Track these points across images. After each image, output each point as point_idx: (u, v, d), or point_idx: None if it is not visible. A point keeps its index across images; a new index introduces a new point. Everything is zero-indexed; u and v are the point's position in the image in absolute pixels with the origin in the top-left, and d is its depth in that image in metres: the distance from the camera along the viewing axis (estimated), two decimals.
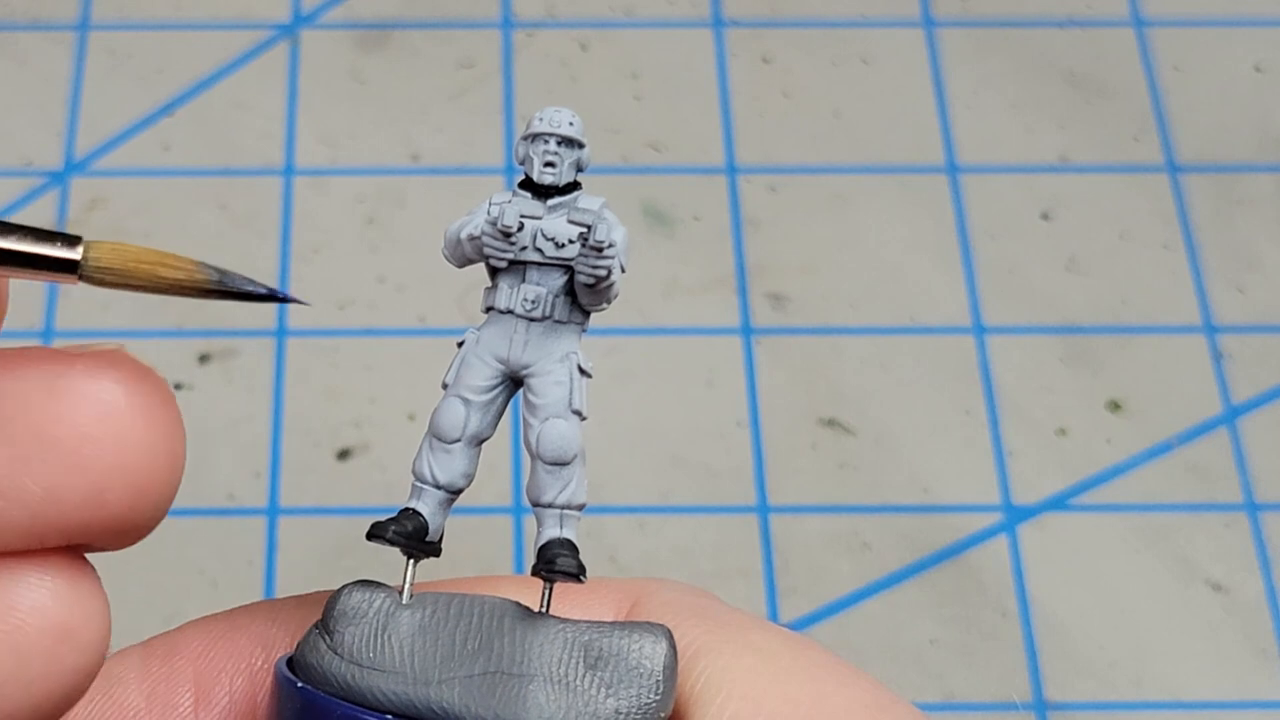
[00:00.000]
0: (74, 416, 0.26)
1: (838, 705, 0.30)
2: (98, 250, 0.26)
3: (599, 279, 0.30)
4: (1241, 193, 0.64)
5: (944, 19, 0.68)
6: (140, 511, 0.27)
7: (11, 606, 0.26)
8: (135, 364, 0.27)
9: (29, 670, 0.27)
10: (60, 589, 0.27)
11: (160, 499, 0.27)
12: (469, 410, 0.31)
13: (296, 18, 0.67)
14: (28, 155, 0.63)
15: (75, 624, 0.27)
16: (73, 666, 0.27)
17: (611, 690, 0.29)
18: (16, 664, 0.26)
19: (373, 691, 0.29)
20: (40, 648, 0.27)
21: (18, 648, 0.26)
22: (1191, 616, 0.56)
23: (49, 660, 0.27)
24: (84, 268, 0.26)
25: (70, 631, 0.27)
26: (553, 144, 0.30)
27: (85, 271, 0.26)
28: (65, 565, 0.27)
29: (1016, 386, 0.60)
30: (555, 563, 0.30)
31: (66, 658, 0.27)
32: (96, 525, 0.27)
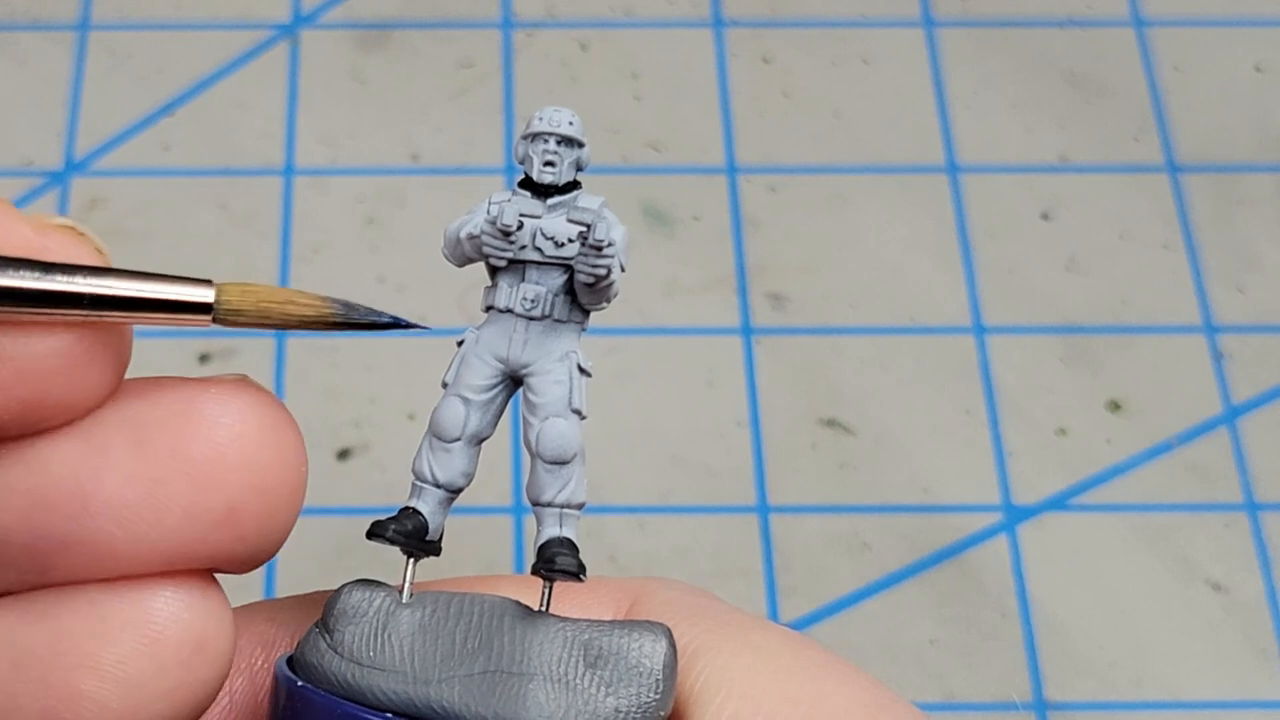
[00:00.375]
0: (210, 438, 0.27)
1: (837, 704, 0.30)
2: (228, 293, 0.28)
3: (599, 278, 0.30)
4: (1241, 193, 0.64)
5: (944, 19, 0.68)
6: (269, 533, 0.28)
7: (149, 619, 0.27)
8: (261, 391, 0.28)
9: (167, 681, 0.28)
10: (194, 601, 0.28)
11: (286, 521, 0.29)
12: (469, 409, 0.31)
13: (296, 18, 0.67)
14: (28, 155, 0.63)
15: (209, 635, 0.28)
16: (205, 677, 0.28)
17: (611, 689, 0.29)
18: (155, 675, 0.27)
19: (373, 690, 0.29)
20: (178, 659, 0.28)
21: (157, 659, 0.27)
22: (1191, 616, 0.56)
23: (185, 671, 0.28)
24: (217, 310, 0.28)
25: (204, 643, 0.28)
26: (552, 143, 0.30)
27: (219, 314, 0.28)
28: (197, 578, 0.28)
29: (1016, 386, 0.60)
30: (555, 561, 0.30)
31: (200, 669, 0.28)
32: (229, 545, 0.28)
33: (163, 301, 0.27)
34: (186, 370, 0.59)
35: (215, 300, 0.28)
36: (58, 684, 0.27)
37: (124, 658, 0.27)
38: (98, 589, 0.28)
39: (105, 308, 0.27)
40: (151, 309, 0.27)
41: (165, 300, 0.27)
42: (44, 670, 0.27)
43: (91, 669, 0.27)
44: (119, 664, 0.27)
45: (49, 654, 0.27)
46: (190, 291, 0.28)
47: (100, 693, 0.27)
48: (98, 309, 0.27)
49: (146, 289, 0.27)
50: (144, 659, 0.27)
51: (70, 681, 0.27)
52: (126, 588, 0.28)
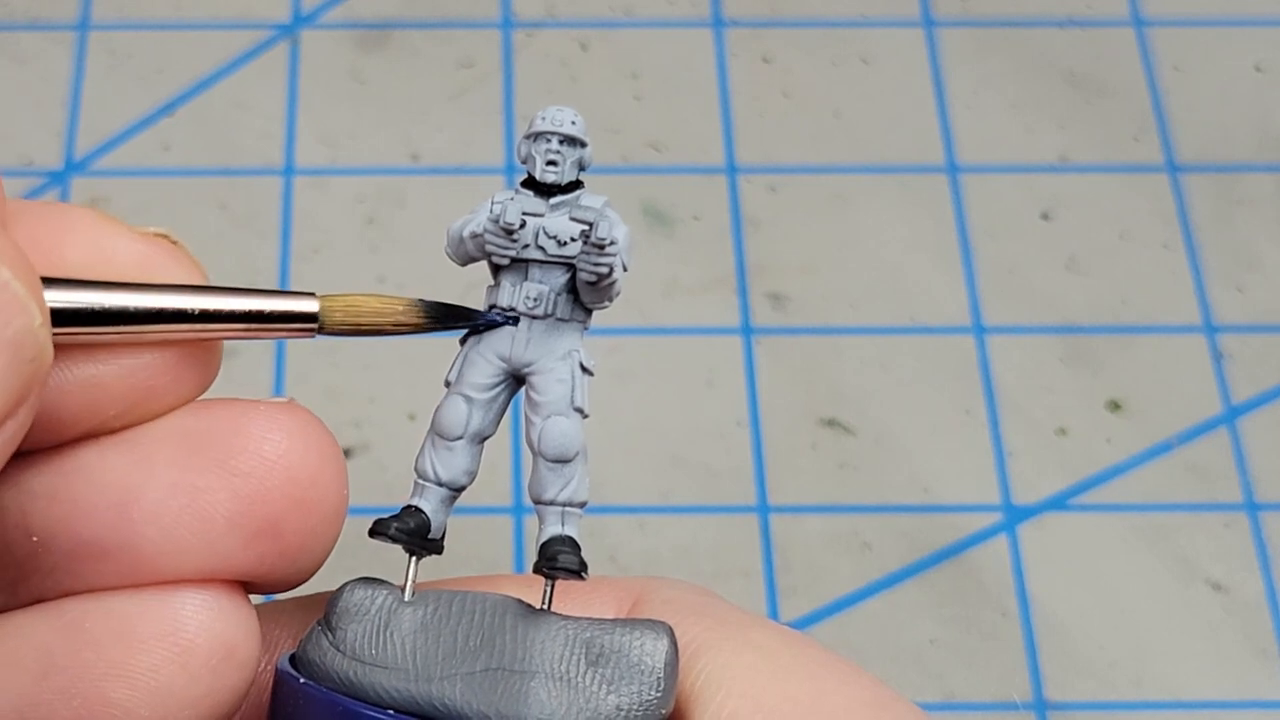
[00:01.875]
0: (256, 451, 0.28)
1: (837, 703, 0.30)
2: (331, 303, 0.29)
3: (601, 276, 0.30)
4: (1241, 193, 0.64)
5: (944, 19, 0.68)
6: (310, 550, 0.29)
7: (180, 628, 0.28)
8: (308, 413, 0.29)
9: (196, 689, 0.28)
10: (223, 609, 0.28)
11: (328, 539, 0.29)
12: (471, 408, 0.31)
13: (296, 18, 0.67)
14: (28, 155, 0.63)
15: (237, 643, 0.28)
16: (233, 684, 0.28)
17: (613, 687, 0.29)
18: (185, 684, 0.28)
19: (375, 688, 0.29)
20: (208, 667, 0.28)
21: (188, 667, 0.28)
22: (1191, 616, 0.56)
23: (214, 678, 0.28)
24: (323, 321, 0.29)
25: (233, 650, 0.28)
26: (555, 143, 0.31)
27: (325, 325, 0.29)
28: (224, 586, 0.29)
29: (1016, 386, 0.60)
30: (557, 560, 0.30)
31: (229, 676, 0.28)
32: (271, 559, 0.29)
33: (271, 314, 0.28)
34: None
35: (320, 311, 0.29)
36: (88, 693, 0.27)
37: (155, 666, 0.28)
38: (127, 598, 0.28)
39: (214, 322, 0.28)
40: (260, 322, 0.28)
41: (273, 313, 0.28)
42: (74, 679, 0.28)
43: (122, 678, 0.27)
44: (150, 673, 0.28)
45: (79, 663, 0.28)
46: (296, 304, 0.29)
47: (130, 701, 0.27)
48: (206, 324, 0.28)
49: (256, 304, 0.28)
50: (174, 668, 0.28)
51: (100, 690, 0.27)
52: (155, 596, 0.28)
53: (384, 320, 0.30)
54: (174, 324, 0.27)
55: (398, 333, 0.30)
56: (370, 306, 0.29)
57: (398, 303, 0.30)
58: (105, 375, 0.27)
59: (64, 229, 0.27)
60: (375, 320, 0.29)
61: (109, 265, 0.27)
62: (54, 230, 0.27)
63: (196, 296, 0.28)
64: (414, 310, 0.30)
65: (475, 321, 0.31)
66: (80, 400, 0.27)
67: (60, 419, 0.27)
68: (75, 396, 0.27)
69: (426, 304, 0.30)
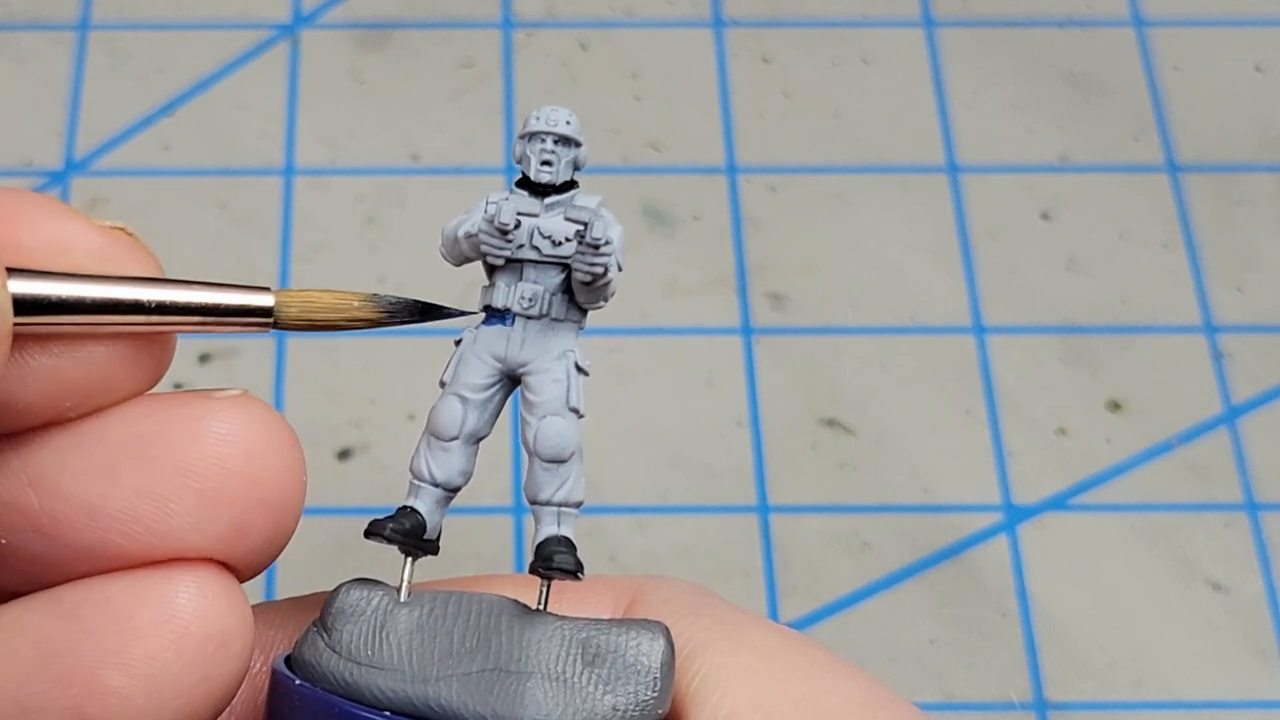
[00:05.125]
0: (216, 454, 0.28)
1: (835, 703, 0.30)
2: (287, 298, 0.29)
3: (596, 276, 0.30)
4: (1241, 193, 0.64)
5: (944, 19, 0.68)
6: (273, 543, 0.29)
7: (174, 615, 0.28)
8: (264, 406, 0.29)
9: (192, 676, 0.28)
10: (217, 596, 0.28)
11: (289, 530, 0.30)
12: (466, 408, 0.31)
13: (296, 18, 0.67)
14: (28, 155, 0.63)
15: (231, 630, 0.28)
16: (228, 672, 0.29)
17: (609, 687, 0.29)
18: (181, 670, 0.28)
19: (371, 689, 0.29)
20: (203, 654, 0.28)
21: (183, 654, 0.28)
22: (1191, 616, 0.56)
23: (210, 665, 0.28)
24: (278, 315, 0.29)
25: (228, 638, 0.28)
26: (549, 142, 0.31)
27: (280, 319, 0.29)
28: (217, 573, 0.29)
29: (1016, 386, 0.60)
30: (553, 560, 0.30)
31: (224, 663, 0.28)
32: (238, 555, 0.29)
33: (227, 308, 0.28)
34: (188, 370, 0.59)
35: (275, 305, 0.29)
36: (84, 680, 0.27)
37: (151, 653, 0.28)
38: (122, 587, 0.28)
39: (171, 314, 0.28)
40: (216, 315, 0.28)
41: (229, 306, 0.28)
42: (71, 667, 0.28)
43: (118, 665, 0.27)
44: (146, 660, 0.28)
45: (76, 651, 0.28)
46: (252, 298, 0.28)
47: (127, 688, 0.27)
48: (164, 316, 0.28)
49: (213, 298, 0.28)
50: (170, 654, 0.28)
51: (97, 678, 0.27)
52: (150, 583, 0.28)
53: (339, 316, 0.30)
54: (131, 315, 0.27)
55: (354, 328, 0.30)
56: (325, 302, 0.29)
57: (353, 298, 0.30)
58: (62, 366, 0.27)
59: (21, 216, 0.27)
60: (330, 316, 0.29)
61: (66, 254, 0.27)
62: (10, 217, 0.27)
63: (154, 289, 0.28)
64: (369, 305, 0.30)
65: (434, 316, 0.30)
66: (37, 391, 0.27)
67: (16, 410, 0.27)
68: (32, 388, 0.27)
69: (382, 299, 0.30)
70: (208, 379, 0.59)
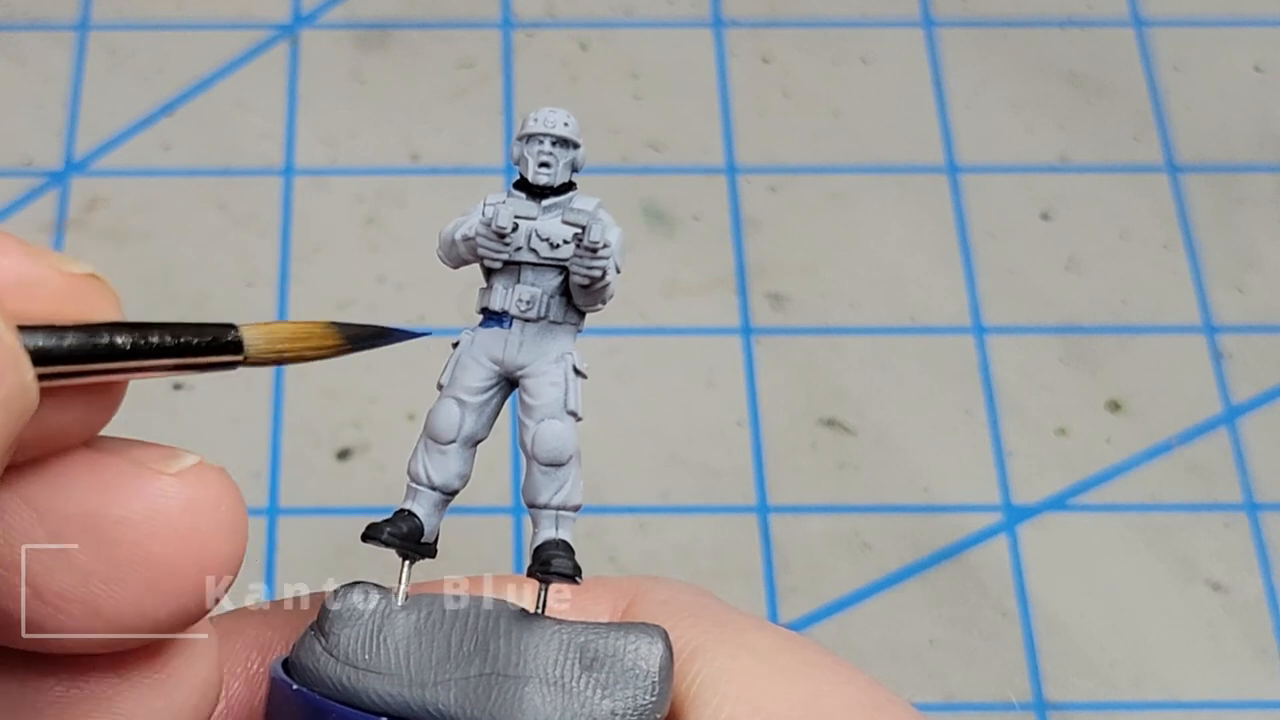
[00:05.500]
0: (174, 550, 0.27)
1: (834, 704, 0.30)
2: (252, 333, 0.28)
3: (594, 279, 0.30)
4: (1241, 193, 0.64)
5: (944, 19, 0.68)
6: (209, 608, 0.28)
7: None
8: (220, 479, 0.28)
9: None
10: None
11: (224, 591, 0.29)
12: (464, 411, 0.31)
13: (296, 18, 0.67)
14: (28, 155, 0.63)
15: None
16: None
17: (607, 691, 0.29)
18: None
19: (368, 693, 0.29)
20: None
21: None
22: (1191, 616, 0.56)
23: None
24: (246, 352, 0.28)
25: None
26: (547, 144, 0.30)
27: (248, 355, 0.28)
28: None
29: (1016, 386, 0.60)
30: (551, 564, 0.30)
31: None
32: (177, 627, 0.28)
33: (198, 348, 0.28)
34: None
35: (244, 344, 0.28)
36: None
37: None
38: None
39: (144, 358, 0.27)
40: (186, 356, 0.28)
41: (201, 346, 0.28)
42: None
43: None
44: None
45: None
46: (221, 336, 0.28)
47: None
48: (137, 361, 0.27)
49: (183, 339, 0.27)
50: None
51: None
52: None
53: (303, 346, 0.29)
54: (106, 363, 0.27)
55: (319, 357, 0.30)
56: (288, 332, 0.29)
57: (314, 327, 0.29)
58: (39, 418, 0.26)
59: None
60: (295, 346, 0.29)
61: (32, 298, 0.26)
62: None
63: (129, 335, 0.27)
64: (332, 333, 0.30)
65: (391, 339, 0.30)
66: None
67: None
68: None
69: (344, 326, 0.30)
70: (207, 378, 0.59)
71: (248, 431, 0.58)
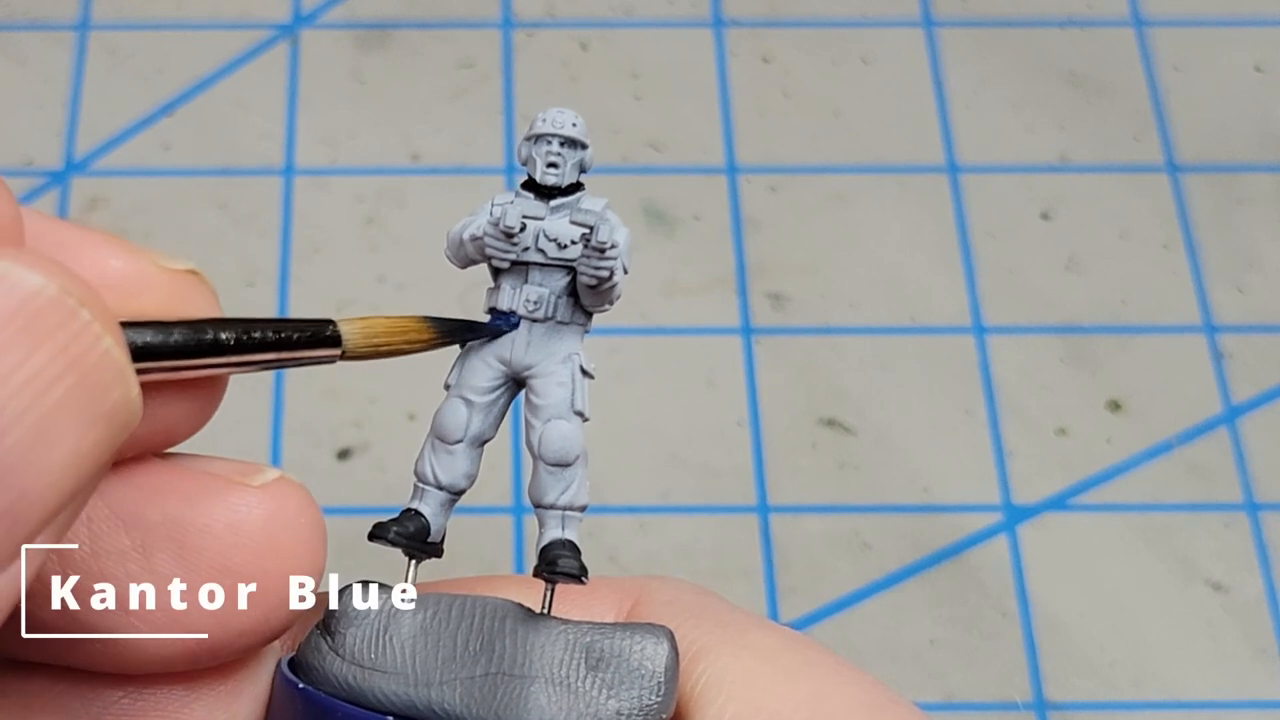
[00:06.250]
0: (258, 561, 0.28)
1: (837, 705, 0.30)
2: (349, 327, 0.29)
3: (601, 280, 0.30)
4: (1241, 193, 0.64)
5: (944, 19, 0.68)
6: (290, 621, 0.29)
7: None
8: (300, 494, 0.29)
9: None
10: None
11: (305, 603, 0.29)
12: (471, 411, 0.31)
13: (296, 18, 0.67)
14: (28, 155, 0.63)
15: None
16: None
17: (613, 691, 0.29)
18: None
19: (374, 692, 0.29)
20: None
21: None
22: (1191, 616, 0.56)
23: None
24: (344, 347, 0.29)
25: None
26: (556, 145, 0.30)
27: (346, 350, 0.29)
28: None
29: (1016, 386, 0.60)
30: (557, 564, 0.30)
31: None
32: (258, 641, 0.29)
33: (299, 342, 0.28)
34: None
35: (342, 338, 0.29)
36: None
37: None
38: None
39: (247, 353, 0.27)
40: (286, 350, 0.28)
41: (301, 340, 0.28)
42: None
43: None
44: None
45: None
46: (320, 331, 0.28)
47: None
48: (240, 356, 0.27)
49: (283, 334, 0.28)
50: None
51: None
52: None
53: (399, 339, 0.29)
54: (212, 358, 0.27)
55: (413, 351, 0.30)
56: (382, 326, 0.29)
57: (408, 321, 0.30)
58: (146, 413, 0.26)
59: (92, 254, 0.26)
60: (389, 339, 0.29)
61: (139, 296, 0.26)
62: (82, 255, 0.26)
63: (232, 330, 0.27)
64: (425, 327, 0.30)
65: (481, 333, 0.30)
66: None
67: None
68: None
69: (436, 320, 0.30)
70: None
71: (248, 431, 0.58)
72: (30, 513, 0.23)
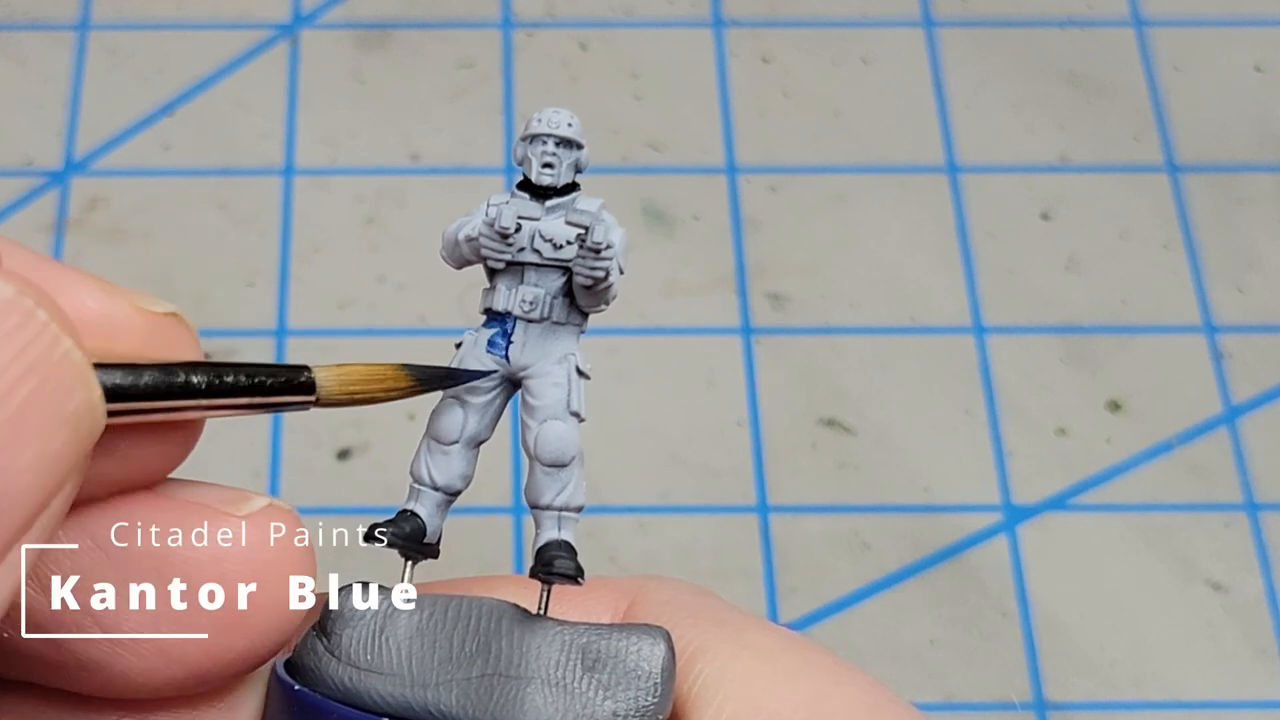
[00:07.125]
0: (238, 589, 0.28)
1: (836, 705, 0.30)
2: (325, 374, 0.29)
3: (597, 280, 0.30)
4: (1241, 193, 0.64)
5: (944, 19, 0.68)
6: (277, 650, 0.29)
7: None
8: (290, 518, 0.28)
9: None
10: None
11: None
12: (467, 412, 0.31)
13: (296, 18, 0.67)
14: (28, 155, 0.63)
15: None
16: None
17: (609, 692, 0.29)
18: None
19: (370, 694, 0.29)
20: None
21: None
22: (1191, 616, 0.56)
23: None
24: (319, 394, 0.29)
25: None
26: (551, 145, 0.30)
27: (321, 397, 0.29)
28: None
29: (1016, 386, 0.60)
30: (553, 565, 0.30)
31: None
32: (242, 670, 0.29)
33: (273, 388, 0.28)
34: None
35: (316, 385, 0.28)
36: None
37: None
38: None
39: (220, 397, 0.27)
40: (260, 395, 0.28)
41: (276, 386, 0.28)
42: None
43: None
44: None
45: None
46: (295, 377, 0.28)
47: None
48: (213, 400, 0.27)
49: (258, 379, 0.28)
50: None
51: None
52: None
53: (375, 387, 0.29)
54: (184, 401, 0.27)
55: (390, 399, 0.30)
56: (359, 374, 0.29)
57: (386, 369, 0.30)
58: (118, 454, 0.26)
59: (67, 292, 0.26)
60: (365, 387, 0.29)
61: (114, 337, 0.26)
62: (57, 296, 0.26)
63: (207, 374, 0.27)
64: (403, 375, 0.30)
65: (460, 381, 0.30)
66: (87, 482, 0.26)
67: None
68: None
69: (413, 369, 0.30)
70: None
71: (248, 431, 0.58)
72: (8, 515, 0.23)
